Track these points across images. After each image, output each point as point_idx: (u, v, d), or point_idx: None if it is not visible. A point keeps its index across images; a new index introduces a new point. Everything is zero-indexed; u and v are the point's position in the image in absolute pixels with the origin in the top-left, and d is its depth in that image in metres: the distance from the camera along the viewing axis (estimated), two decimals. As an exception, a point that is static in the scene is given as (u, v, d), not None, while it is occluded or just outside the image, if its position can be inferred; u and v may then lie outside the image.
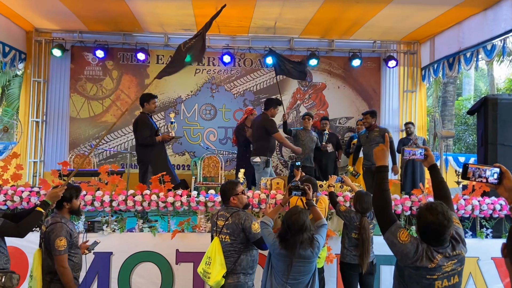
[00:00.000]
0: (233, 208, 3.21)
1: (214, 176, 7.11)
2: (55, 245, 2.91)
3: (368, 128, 6.20)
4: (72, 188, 3.14)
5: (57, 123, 7.73)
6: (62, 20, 7.20)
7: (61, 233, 2.94)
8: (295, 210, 2.95)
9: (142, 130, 5.37)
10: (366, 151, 6.23)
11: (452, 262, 2.09)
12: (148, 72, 7.88)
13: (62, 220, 3.02)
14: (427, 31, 7.37)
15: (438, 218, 2.03)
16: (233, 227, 3.09)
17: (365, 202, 3.70)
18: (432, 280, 2.08)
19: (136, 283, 4.17)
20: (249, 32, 7.65)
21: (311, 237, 2.90)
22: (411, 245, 2.09)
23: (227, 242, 3.10)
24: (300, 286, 2.92)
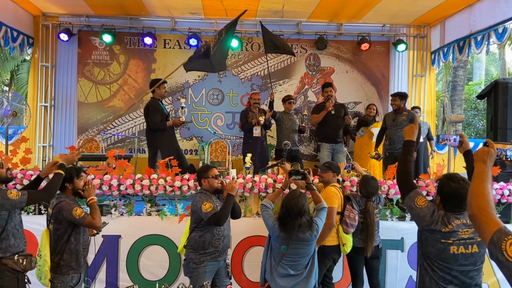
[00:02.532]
0: (200, 191, 3.36)
1: (221, 161, 7.13)
2: (73, 215, 2.94)
3: (396, 111, 5.95)
4: (71, 168, 3.17)
5: (65, 108, 7.77)
6: (68, 4, 7.17)
7: (71, 205, 2.99)
8: (294, 194, 2.98)
9: (153, 115, 5.40)
10: (390, 134, 5.97)
11: (470, 230, 2.18)
12: (155, 56, 7.85)
13: (66, 199, 3.06)
14: (438, 14, 7.22)
15: (460, 184, 2.19)
16: (192, 208, 3.27)
17: (370, 187, 3.70)
18: (447, 244, 2.18)
19: (144, 266, 4.25)
20: (256, 16, 7.55)
21: (309, 220, 2.93)
22: (427, 209, 2.25)
23: (191, 223, 3.33)
24: (298, 267, 2.96)
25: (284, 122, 6.29)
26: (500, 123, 5.11)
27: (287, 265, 2.96)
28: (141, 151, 7.25)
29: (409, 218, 4.51)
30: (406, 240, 4.40)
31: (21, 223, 3.05)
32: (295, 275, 2.97)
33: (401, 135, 5.80)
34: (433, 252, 2.21)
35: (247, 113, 6.36)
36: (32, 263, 2.96)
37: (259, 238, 4.22)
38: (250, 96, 6.59)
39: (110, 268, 4.22)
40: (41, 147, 7.68)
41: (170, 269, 4.24)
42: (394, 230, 4.41)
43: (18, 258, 2.91)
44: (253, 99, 6.42)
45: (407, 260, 4.38)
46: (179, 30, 7.69)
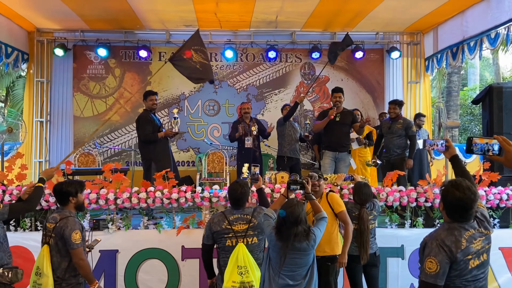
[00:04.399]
0: (249, 208, 3.20)
1: (219, 171, 7.10)
2: (71, 239, 2.93)
3: (393, 119, 5.92)
4: (76, 182, 3.17)
5: (61, 123, 7.75)
6: (63, 20, 7.20)
7: (75, 226, 2.98)
8: (291, 203, 2.97)
9: (144, 127, 5.40)
10: (386, 142, 5.95)
11: (480, 239, 2.13)
12: (151, 69, 7.87)
13: (71, 214, 3.05)
14: (430, 21, 7.28)
15: (465, 193, 2.07)
16: (261, 226, 3.09)
17: (363, 194, 3.68)
18: (466, 262, 2.08)
19: (142, 280, 4.19)
20: (250, 27, 7.61)
21: (306, 229, 2.91)
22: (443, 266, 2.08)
23: (255, 244, 3.10)
24: (297, 277, 2.93)
25: (287, 129, 6.22)
26: (495, 127, 5.12)
27: (286, 275, 2.93)
28: (138, 164, 7.21)
29: (408, 225, 4.48)
30: (407, 248, 4.36)
31: (5, 236, 3.03)
32: (293, 285, 2.94)
33: (396, 142, 5.81)
34: (454, 275, 2.10)
35: (239, 124, 6.36)
36: (18, 275, 2.93)
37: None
38: (240, 106, 6.60)
39: (108, 284, 4.17)
40: (37, 163, 7.64)
41: (168, 283, 4.19)
42: (394, 237, 4.38)
43: (4, 271, 2.89)
44: (243, 109, 6.42)
45: (408, 267, 4.35)
46: (174, 43, 7.72)
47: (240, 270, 2.90)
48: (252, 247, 3.02)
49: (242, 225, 3.05)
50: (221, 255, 3.10)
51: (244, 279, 2.89)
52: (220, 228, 3.05)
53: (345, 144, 5.88)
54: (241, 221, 3.06)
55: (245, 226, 3.04)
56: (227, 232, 3.04)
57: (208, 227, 3.14)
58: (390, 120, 5.96)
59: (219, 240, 3.08)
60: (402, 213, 4.59)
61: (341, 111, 5.82)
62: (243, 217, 3.09)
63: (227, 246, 3.03)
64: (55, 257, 3.00)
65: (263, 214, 3.10)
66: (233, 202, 3.17)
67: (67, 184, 3.11)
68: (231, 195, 3.17)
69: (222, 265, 3.04)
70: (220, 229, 3.05)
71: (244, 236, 3.02)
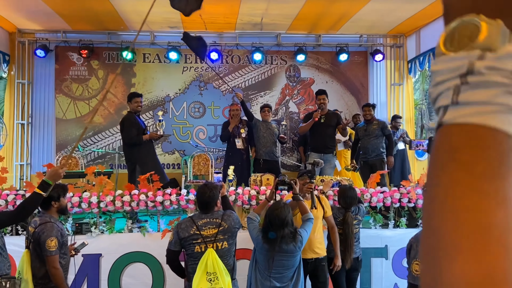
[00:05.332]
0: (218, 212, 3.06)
1: (204, 174, 7.07)
2: (46, 245, 2.87)
3: (368, 121, 6.08)
4: (58, 186, 3.09)
5: (43, 125, 7.61)
6: (45, 20, 7.08)
7: (52, 233, 2.91)
8: (277, 205, 2.98)
9: (128, 129, 5.34)
10: (364, 144, 6.08)
11: None
12: (135, 70, 7.80)
13: (51, 219, 2.99)
14: (413, 24, 7.40)
15: None
16: (231, 230, 2.97)
17: (349, 197, 3.70)
18: None
19: (127, 284, 4.15)
20: (236, 29, 7.61)
21: (293, 231, 2.92)
22: None
23: (225, 248, 2.95)
24: (284, 280, 2.94)
25: (262, 131, 6.18)
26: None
27: (274, 277, 2.94)
28: (122, 166, 7.13)
29: (392, 225, 4.53)
30: (390, 248, 4.41)
31: (4, 245, 2.94)
32: (281, 287, 2.95)
33: (374, 143, 5.93)
34: None
35: (229, 125, 6.33)
36: (16, 285, 2.87)
37: (244, 251, 4.16)
38: (229, 108, 6.57)
39: (91, 288, 4.11)
40: (19, 166, 7.48)
41: (153, 286, 4.15)
42: (378, 238, 4.42)
43: (1, 280, 2.82)
44: (233, 110, 6.38)
45: (392, 267, 4.40)
46: (158, 44, 7.67)
47: (209, 277, 2.77)
48: (222, 252, 2.88)
49: (211, 230, 2.90)
50: (190, 262, 2.94)
51: (213, 285, 2.76)
52: (188, 234, 2.89)
53: (330, 146, 5.99)
54: (210, 226, 2.91)
55: (215, 231, 2.89)
56: (196, 238, 2.88)
57: (175, 232, 2.96)
58: (365, 123, 6.10)
59: (188, 246, 2.91)
60: (386, 214, 4.63)
61: (326, 113, 5.95)
62: (212, 221, 2.94)
63: (196, 252, 2.87)
64: (34, 262, 2.96)
65: (234, 217, 3.05)
66: (201, 206, 3.01)
67: None
68: (199, 199, 3.02)
69: (191, 272, 2.89)
70: (188, 235, 2.89)
71: (214, 241, 2.88)
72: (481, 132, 0.38)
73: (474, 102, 0.38)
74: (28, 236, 3.03)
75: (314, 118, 5.80)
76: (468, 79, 0.39)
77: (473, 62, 0.39)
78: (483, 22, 0.39)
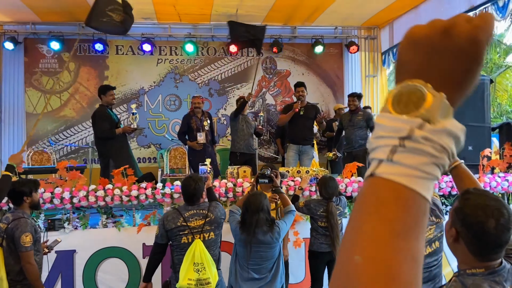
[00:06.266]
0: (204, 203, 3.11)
1: (181, 167, 7.01)
2: (20, 241, 2.82)
3: (352, 111, 6.04)
4: (30, 181, 3.07)
5: (13, 120, 7.37)
6: (13, 12, 6.83)
7: (27, 228, 2.87)
8: (254, 193, 3.00)
9: (100, 123, 5.22)
10: (348, 134, 6.05)
11: (432, 228, 2.20)
12: (108, 63, 7.62)
13: (24, 215, 2.94)
14: (386, 16, 7.49)
15: None
16: (217, 220, 3.03)
17: (330, 187, 3.68)
18: None
19: (102, 280, 4.08)
20: (211, 20, 7.53)
21: (269, 220, 2.93)
22: None
23: (212, 239, 3.00)
24: (263, 271, 2.96)
25: (240, 123, 6.09)
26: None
27: (251, 269, 2.95)
28: (96, 161, 6.99)
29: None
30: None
31: None
32: (259, 279, 2.97)
33: (358, 134, 5.97)
34: None
35: (190, 119, 5.96)
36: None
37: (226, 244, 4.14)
38: (192, 100, 6.20)
39: (65, 285, 4.02)
40: (-12, 162, 7.24)
41: (129, 281, 4.10)
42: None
43: None
44: (195, 103, 6.00)
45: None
46: (131, 36, 7.49)
47: (197, 267, 2.82)
48: (208, 243, 2.95)
49: (198, 221, 2.95)
50: (176, 253, 2.98)
51: (200, 276, 2.81)
52: (175, 226, 2.93)
53: (308, 138, 6.08)
54: (197, 217, 2.97)
55: (201, 222, 2.95)
56: (183, 229, 2.93)
57: (161, 225, 3.00)
58: (350, 113, 6.10)
59: (174, 238, 2.96)
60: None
61: (305, 105, 5.99)
62: (199, 212, 2.99)
63: (183, 243, 2.93)
64: (8, 259, 2.90)
65: (220, 208, 3.09)
66: (187, 198, 3.06)
67: (20, 184, 3.01)
68: (185, 191, 3.06)
69: (177, 263, 2.93)
70: (175, 226, 2.94)
71: (201, 231, 2.94)
72: (405, 192, 0.43)
73: (405, 164, 0.44)
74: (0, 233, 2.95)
75: (295, 109, 5.83)
76: (406, 143, 0.44)
77: (413, 129, 0.44)
78: (429, 93, 0.44)
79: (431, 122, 0.44)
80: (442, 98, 0.44)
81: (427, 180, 0.44)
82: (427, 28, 0.49)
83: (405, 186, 0.43)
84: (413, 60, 0.48)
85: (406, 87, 0.46)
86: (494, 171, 4.91)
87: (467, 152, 4.85)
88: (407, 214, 0.43)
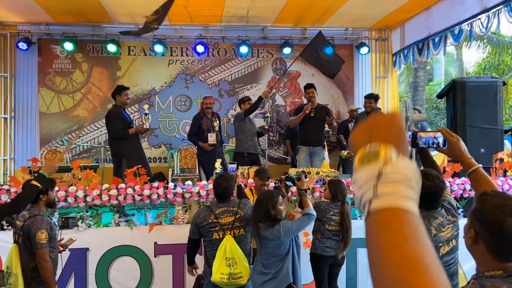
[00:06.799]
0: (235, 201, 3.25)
1: (191, 167, 7.06)
2: (36, 238, 2.86)
3: (369, 113, 6.01)
4: (46, 180, 3.09)
5: (26, 119, 7.48)
6: (27, 12, 6.94)
7: (42, 225, 2.91)
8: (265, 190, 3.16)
9: (114, 123, 5.28)
10: None
11: (449, 227, 2.22)
12: (120, 64, 7.71)
13: (40, 213, 2.98)
14: (397, 17, 7.46)
15: (435, 181, 2.18)
16: (247, 217, 3.12)
17: (344, 189, 3.68)
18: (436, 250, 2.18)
19: (114, 278, 4.14)
20: (222, 21, 7.57)
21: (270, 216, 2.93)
22: None
23: (242, 235, 3.11)
24: (270, 266, 3.03)
25: (247, 124, 6.12)
26: (459, 120, 5.31)
27: (262, 263, 3.04)
28: (108, 160, 7.08)
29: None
30: (375, 238, 4.48)
31: None
32: (266, 273, 3.03)
33: None
34: None
35: (201, 119, 6.03)
36: (4, 279, 2.85)
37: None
38: (203, 100, 6.28)
39: (78, 282, 4.09)
40: (2, 161, 7.36)
41: (141, 280, 4.16)
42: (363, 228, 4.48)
43: None
44: (206, 104, 6.09)
45: (377, 257, 4.47)
46: (143, 37, 7.58)
47: (229, 262, 2.93)
48: (239, 239, 3.05)
49: (228, 218, 3.07)
50: (208, 249, 3.10)
51: (232, 270, 2.92)
52: (207, 223, 3.06)
53: (319, 139, 6.03)
54: (227, 214, 3.09)
55: (232, 218, 3.06)
56: (214, 226, 3.05)
57: (194, 222, 3.15)
58: (366, 114, 6.10)
59: (206, 234, 3.09)
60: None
61: (316, 107, 6.00)
62: (229, 209, 3.11)
63: (214, 239, 3.04)
64: (23, 255, 2.95)
65: (250, 205, 3.17)
66: (218, 196, 3.20)
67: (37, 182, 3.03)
68: (216, 189, 3.20)
69: (210, 258, 3.05)
70: (206, 223, 3.06)
71: (231, 228, 3.04)
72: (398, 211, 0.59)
73: (387, 193, 0.60)
74: (16, 230, 3.01)
75: (305, 111, 5.84)
76: (380, 179, 0.61)
77: (381, 168, 0.61)
78: (381, 147, 0.64)
79: (389, 162, 0.62)
80: (391, 147, 0.64)
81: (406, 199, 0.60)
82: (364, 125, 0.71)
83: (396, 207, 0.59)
84: (361, 138, 0.68)
85: (366, 150, 0.65)
86: (507, 173, 4.88)
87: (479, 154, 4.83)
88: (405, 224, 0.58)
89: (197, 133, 6.03)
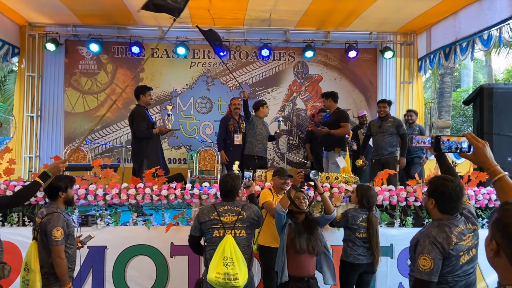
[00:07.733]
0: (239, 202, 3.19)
1: (210, 169, 7.08)
2: (52, 235, 2.88)
3: (382, 118, 5.94)
4: (66, 177, 3.12)
5: (52, 118, 7.69)
6: (55, 14, 7.14)
7: (58, 223, 2.92)
8: None
9: (139, 123, 5.31)
10: (376, 141, 5.94)
11: (470, 235, 2.15)
12: (143, 65, 7.82)
13: (58, 210, 3.00)
14: (424, 22, 7.31)
15: (454, 182, 2.12)
16: (250, 220, 3.05)
17: (372, 196, 3.56)
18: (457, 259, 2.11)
19: (131, 277, 4.16)
20: (244, 25, 7.59)
21: None
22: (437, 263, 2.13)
23: (243, 237, 3.01)
24: None
25: (258, 127, 6.06)
26: (486, 128, 5.14)
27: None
28: (129, 160, 7.17)
29: (398, 224, 4.50)
30: (396, 247, 4.37)
31: None
32: None
33: (387, 141, 5.84)
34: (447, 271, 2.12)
35: (228, 120, 6.19)
36: (4, 270, 2.87)
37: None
38: (230, 102, 6.41)
39: (96, 280, 4.13)
40: (27, 158, 7.57)
41: (157, 279, 4.16)
42: (383, 236, 4.37)
43: None
44: (234, 105, 6.24)
45: (397, 266, 4.36)
46: (166, 39, 7.68)
47: (226, 261, 2.84)
48: (239, 240, 2.96)
49: (231, 217, 3.00)
50: (208, 248, 3.03)
51: (229, 270, 2.82)
52: (209, 219, 3.00)
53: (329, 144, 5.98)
54: (230, 213, 3.03)
55: (234, 218, 3.00)
56: (215, 223, 2.99)
57: (196, 218, 3.10)
58: (379, 119, 5.98)
59: (207, 231, 3.02)
60: (392, 212, 4.59)
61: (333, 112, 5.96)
62: (233, 209, 3.05)
63: (214, 237, 2.98)
64: (42, 252, 2.97)
65: (254, 209, 3.12)
66: (223, 194, 3.17)
67: (57, 179, 3.06)
68: (222, 187, 3.18)
69: (208, 258, 2.97)
70: (208, 219, 3.01)
71: (232, 228, 2.98)
72: None
73: None
74: (35, 227, 3.04)
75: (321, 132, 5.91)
76: None
77: None
78: None
79: None
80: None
81: None
82: None
83: None
84: None
85: None
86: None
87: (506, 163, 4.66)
88: None
89: (224, 138, 6.14)
